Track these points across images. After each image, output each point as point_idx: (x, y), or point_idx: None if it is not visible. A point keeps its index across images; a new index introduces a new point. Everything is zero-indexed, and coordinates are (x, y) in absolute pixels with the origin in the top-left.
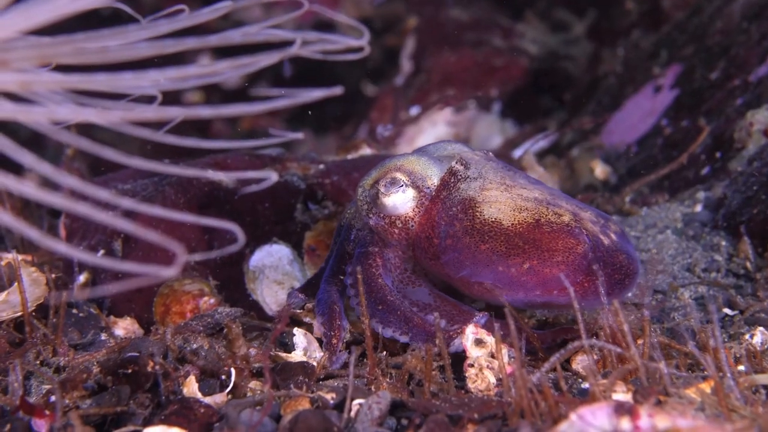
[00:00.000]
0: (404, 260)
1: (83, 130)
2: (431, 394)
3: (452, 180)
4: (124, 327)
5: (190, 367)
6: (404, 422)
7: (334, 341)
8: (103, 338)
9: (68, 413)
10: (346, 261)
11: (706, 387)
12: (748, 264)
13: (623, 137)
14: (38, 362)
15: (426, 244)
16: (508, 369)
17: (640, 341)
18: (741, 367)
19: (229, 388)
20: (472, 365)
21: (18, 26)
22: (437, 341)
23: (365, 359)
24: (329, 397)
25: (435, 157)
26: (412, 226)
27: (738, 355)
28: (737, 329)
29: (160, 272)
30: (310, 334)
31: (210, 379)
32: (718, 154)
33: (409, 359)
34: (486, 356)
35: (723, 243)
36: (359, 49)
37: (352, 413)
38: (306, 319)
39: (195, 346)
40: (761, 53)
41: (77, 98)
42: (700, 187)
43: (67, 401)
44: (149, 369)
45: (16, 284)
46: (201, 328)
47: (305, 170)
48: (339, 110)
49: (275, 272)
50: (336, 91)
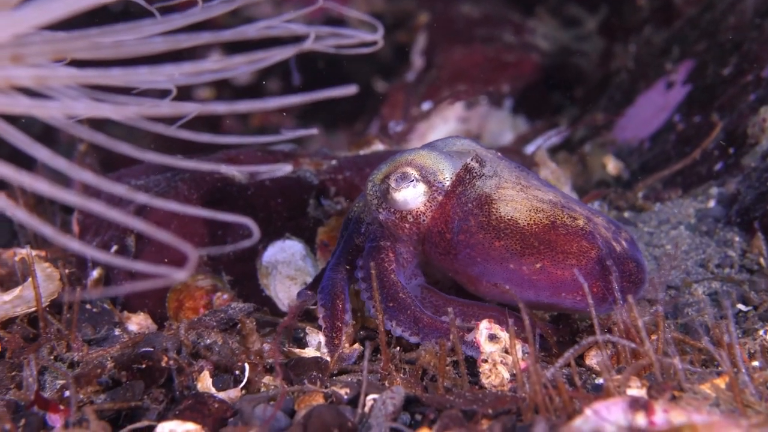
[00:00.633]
0: (414, 255)
1: (94, 125)
2: (445, 390)
3: (468, 177)
4: (138, 322)
5: (204, 363)
6: (418, 417)
7: (336, 342)
8: (117, 333)
9: (83, 408)
10: (355, 254)
11: (721, 383)
12: (762, 260)
13: (636, 133)
14: (52, 357)
15: (438, 239)
16: (522, 364)
17: (654, 337)
18: (755, 363)
19: (243, 384)
20: (486, 361)
21: (33, 22)
22: (451, 337)
23: (379, 354)
24: (343, 393)
25: (445, 152)
26: (424, 221)
27: (752, 351)
28: (751, 325)
29: (172, 274)
30: None
31: (224, 375)
32: (731, 150)
33: (423, 355)
34: (500, 352)
35: (736, 239)
36: (371, 44)
37: (366, 408)
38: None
39: (209, 342)
40: None
41: (90, 93)
42: (714, 183)
43: (82, 396)
44: (163, 364)
45: (30, 280)
46: (214, 324)
47: (318, 166)
48: (349, 107)
49: (288, 268)
50: (350, 90)
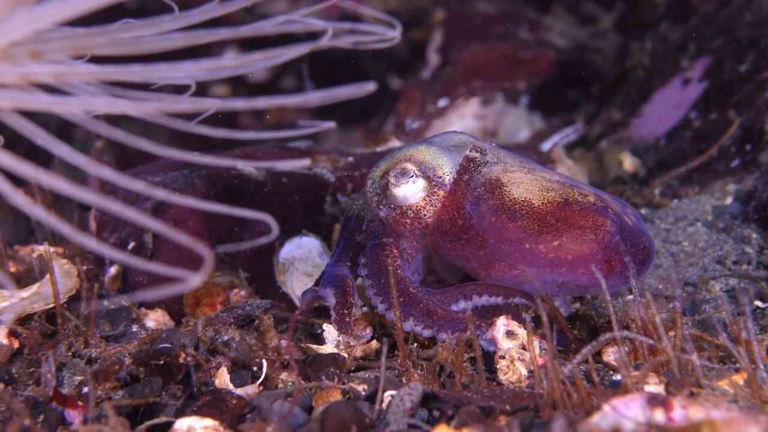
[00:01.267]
0: (418, 251)
1: (110, 121)
2: (463, 386)
3: (471, 165)
4: (155, 319)
5: (222, 359)
6: (436, 414)
7: (347, 319)
8: (135, 330)
9: (101, 404)
10: (357, 251)
11: (739, 379)
12: None
13: (652, 130)
14: (70, 354)
15: (449, 226)
16: (540, 361)
17: (672, 333)
18: None
19: (261, 380)
20: (504, 357)
21: (52, 18)
22: (468, 331)
23: (396, 351)
24: (361, 389)
25: (444, 147)
26: (425, 216)
27: None
28: None
29: (188, 278)
30: None
31: (241, 371)
32: (749, 147)
33: (440, 351)
34: (517, 348)
35: (754, 235)
36: (387, 39)
37: (384, 404)
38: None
39: (226, 338)
40: None
41: (107, 88)
42: (731, 180)
43: (100, 392)
44: (181, 360)
45: (48, 276)
46: (232, 320)
47: (334, 163)
48: (365, 104)
49: (305, 264)
50: (368, 88)
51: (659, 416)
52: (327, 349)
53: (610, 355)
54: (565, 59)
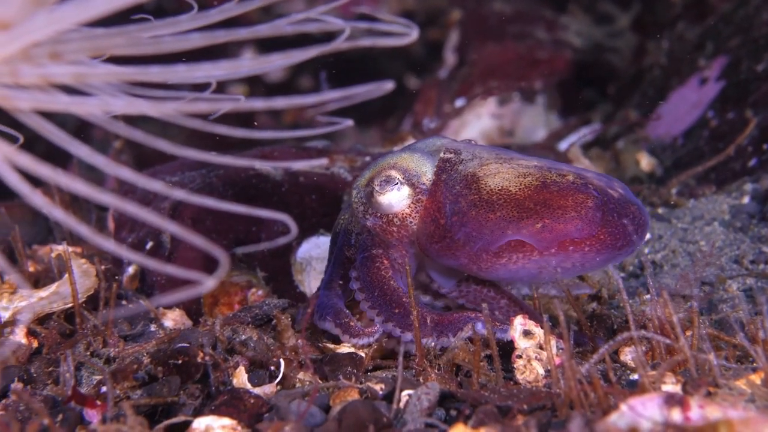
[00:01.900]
0: (408, 259)
1: (128, 121)
2: (480, 385)
3: (447, 166)
4: (173, 318)
5: (240, 358)
6: (453, 413)
7: (352, 323)
8: (153, 329)
9: (119, 403)
10: (347, 267)
11: (756, 378)
12: None
13: (669, 129)
14: (89, 353)
15: (432, 228)
16: (557, 360)
17: (689, 333)
18: None
19: (279, 379)
20: (521, 356)
21: (71, 20)
22: (486, 331)
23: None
24: (378, 388)
25: (427, 153)
26: (410, 222)
27: None
28: None
29: (204, 281)
30: None
31: (259, 370)
32: (765, 146)
33: (457, 351)
34: (534, 347)
35: None
36: (404, 35)
37: (401, 404)
38: None
39: (244, 337)
40: None
41: (126, 87)
42: (748, 179)
43: (118, 392)
44: (199, 360)
45: (67, 276)
46: (249, 320)
47: (352, 162)
48: (381, 103)
49: (322, 264)
50: (387, 87)
51: (676, 415)
52: (344, 349)
53: (627, 355)
54: (582, 59)
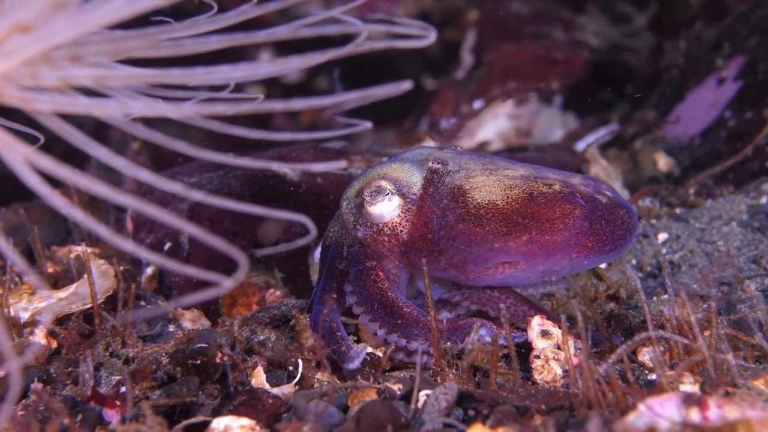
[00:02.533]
0: (401, 269)
1: (146, 122)
2: (497, 386)
3: (435, 177)
4: (192, 318)
5: (258, 359)
6: (471, 413)
7: (344, 349)
8: (171, 330)
9: (139, 403)
10: (340, 280)
11: None
12: None
13: (686, 129)
14: (108, 353)
15: (421, 242)
16: (575, 360)
17: (707, 333)
18: None
19: (297, 379)
20: (538, 357)
21: (93, 23)
22: (504, 333)
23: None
24: (396, 388)
25: (416, 163)
26: (401, 232)
27: None
28: None
29: (222, 282)
30: None
31: (277, 370)
32: None
33: (476, 353)
34: (552, 348)
35: None
36: (422, 37)
37: (420, 404)
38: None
39: (262, 338)
40: None
41: (144, 88)
42: (766, 179)
43: (137, 392)
44: (218, 360)
45: (86, 277)
46: (268, 320)
47: (369, 163)
48: (398, 104)
49: None
50: (404, 87)
51: (695, 415)
52: None
53: (645, 355)
54: (599, 59)
